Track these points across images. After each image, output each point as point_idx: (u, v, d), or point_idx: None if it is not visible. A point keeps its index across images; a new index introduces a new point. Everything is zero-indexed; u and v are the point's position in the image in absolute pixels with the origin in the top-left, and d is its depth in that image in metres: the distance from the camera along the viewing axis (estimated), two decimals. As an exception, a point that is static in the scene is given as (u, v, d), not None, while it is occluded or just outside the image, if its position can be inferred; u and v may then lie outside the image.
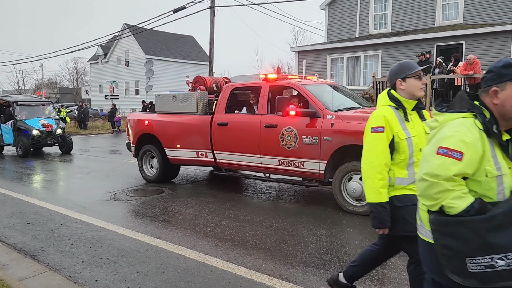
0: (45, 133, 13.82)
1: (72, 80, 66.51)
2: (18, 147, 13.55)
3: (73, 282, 3.90)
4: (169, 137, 8.06)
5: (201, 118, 7.64)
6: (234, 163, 7.27)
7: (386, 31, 17.65)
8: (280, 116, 6.48)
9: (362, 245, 4.74)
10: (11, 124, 13.98)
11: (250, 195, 7.47)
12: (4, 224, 5.81)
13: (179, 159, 8.09)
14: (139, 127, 8.69)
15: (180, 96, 8.11)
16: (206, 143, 7.47)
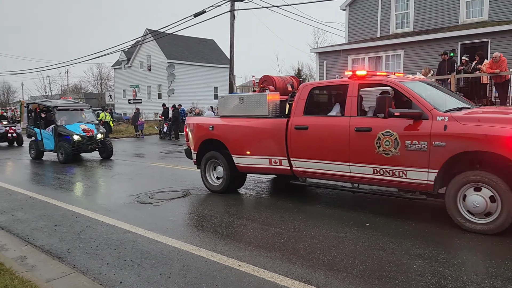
0: (86, 138, 13.50)
1: (97, 85, 67.99)
2: (59, 153, 13.27)
3: (98, 283, 3.98)
4: (237, 143, 7.32)
5: (275, 121, 6.88)
6: (315, 172, 6.46)
7: (408, 30, 17.37)
8: (375, 118, 5.78)
9: (385, 247, 4.68)
10: (51, 130, 13.75)
11: (271, 198, 7.47)
12: (32, 227, 5.99)
13: (248, 167, 7.30)
14: (202, 132, 7.93)
15: (248, 97, 7.38)
16: (281, 149, 6.73)
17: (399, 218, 5.83)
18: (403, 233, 5.21)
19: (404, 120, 5.47)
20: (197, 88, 40.35)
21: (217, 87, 42.98)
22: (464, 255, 4.46)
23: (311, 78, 62.57)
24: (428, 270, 4.05)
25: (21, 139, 20.51)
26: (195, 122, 8.25)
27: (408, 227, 5.42)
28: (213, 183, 7.94)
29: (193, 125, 8.22)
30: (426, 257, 4.40)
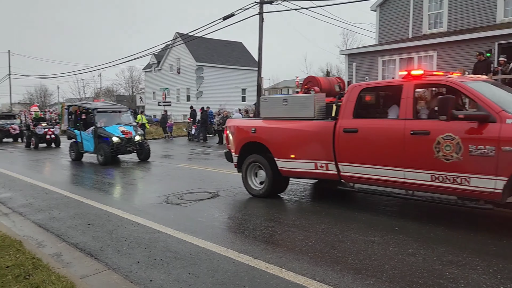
0: (125, 140, 13.48)
1: (128, 88, 69.63)
2: (99, 155, 13.32)
3: (130, 281, 4.09)
4: (281, 146, 7.06)
5: (321, 124, 6.60)
6: (365, 178, 6.13)
7: (442, 30, 16.94)
8: (433, 121, 5.44)
9: (416, 253, 4.58)
10: (91, 132, 13.81)
11: (299, 200, 7.44)
12: (67, 225, 6.20)
13: (292, 171, 7.04)
14: (244, 135, 7.71)
15: (293, 99, 7.13)
16: (328, 153, 6.43)
17: (431, 223, 5.69)
18: (435, 238, 5.08)
19: (466, 123, 5.11)
20: (225, 90, 40.73)
21: (245, 89, 43.25)
22: (500, 262, 4.30)
23: (340, 80, 61.86)
24: (461, 277, 3.94)
25: (59, 141, 21.10)
26: (236, 125, 8.05)
27: (440, 233, 5.28)
28: (254, 187, 7.71)
29: (234, 128, 8.02)
30: (460, 263, 4.27)
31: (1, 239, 5.18)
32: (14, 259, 4.48)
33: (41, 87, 74.95)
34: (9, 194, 8.72)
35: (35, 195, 8.50)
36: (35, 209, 7.30)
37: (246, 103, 38.77)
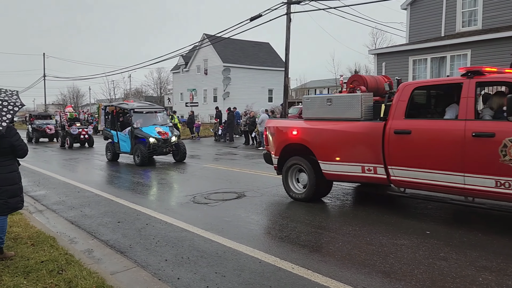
0: (161, 141, 13.27)
1: (156, 89, 70.96)
2: (136, 156, 13.14)
3: (158, 279, 4.15)
4: (325, 148, 6.76)
5: (369, 125, 6.27)
6: (419, 182, 5.74)
7: (476, 28, 16.40)
8: (499, 122, 5.13)
9: (448, 257, 4.45)
10: (128, 132, 13.64)
11: (326, 201, 7.37)
12: (98, 222, 6.36)
13: (337, 175, 6.73)
14: (285, 136, 7.45)
15: (337, 99, 6.78)
16: (376, 156, 6.10)
17: (464, 227, 5.52)
18: (468, 243, 4.93)
19: None
20: (252, 91, 40.83)
21: (271, 90, 43.22)
22: (537, 269, 4.13)
23: (368, 80, 60.93)
24: (496, 283, 3.80)
25: (92, 141, 21.51)
26: (277, 126, 7.76)
27: (473, 237, 5.12)
28: (296, 191, 7.43)
29: (274, 129, 7.74)
30: (494, 269, 4.13)
31: (36, 235, 5.36)
32: (48, 254, 4.63)
33: (73, 88, 77.44)
34: (44, 192, 9.03)
35: (67, 193, 8.77)
36: (68, 206, 7.53)
37: (273, 103, 38.74)
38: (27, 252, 4.71)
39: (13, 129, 4.57)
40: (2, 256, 4.53)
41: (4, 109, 4.28)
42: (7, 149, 4.46)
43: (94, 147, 21.05)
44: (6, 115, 4.26)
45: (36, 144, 24.54)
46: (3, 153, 4.45)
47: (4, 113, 4.26)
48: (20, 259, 4.51)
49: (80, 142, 21.26)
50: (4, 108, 4.29)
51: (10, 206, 4.53)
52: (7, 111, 4.29)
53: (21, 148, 4.57)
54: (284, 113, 21.37)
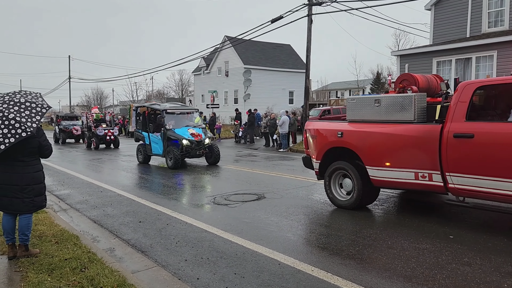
0: (195, 143, 12.74)
1: (178, 91, 71.79)
2: (168, 158, 12.65)
3: (178, 278, 4.19)
4: (374, 153, 6.31)
5: (423, 128, 5.80)
6: (482, 191, 5.23)
7: (503, 29, 15.97)
8: None
9: (472, 262, 4.34)
10: (160, 134, 13.25)
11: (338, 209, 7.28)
12: (120, 222, 6.48)
13: (387, 181, 6.27)
14: (328, 139, 7.01)
15: (387, 99, 6.31)
16: (432, 161, 5.64)
17: (489, 232, 5.38)
18: (493, 248, 4.79)
19: None
20: (272, 93, 40.83)
21: (292, 92, 43.12)
22: None
23: (390, 82, 60.08)
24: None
25: (118, 142, 21.73)
26: (319, 128, 7.29)
27: (499, 242, 4.98)
28: (339, 198, 6.98)
29: (315, 131, 7.30)
30: (520, 276, 4.00)
31: (60, 233, 5.50)
32: (71, 252, 4.74)
33: (97, 90, 79.10)
34: (68, 191, 9.25)
35: (91, 193, 8.96)
36: (91, 205, 7.69)
37: (294, 105, 38.65)
38: (51, 250, 4.83)
39: (41, 129, 4.72)
40: (27, 253, 4.65)
41: (33, 111, 4.44)
42: (35, 149, 4.61)
43: (120, 148, 21.34)
44: (35, 116, 4.42)
45: (62, 144, 25.03)
46: (31, 152, 4.59)
47: (33, 115, 4.41)
48: (45, 256, 4.63)
49: (106, 143, 21.46)
50: (33, 110, 4.44)
51: (36, 205, 4.66)
52: (36, 113, 4.44)
53: (47, 148, 4.72)
54: (305, 115, 21.28)
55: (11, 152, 4.39)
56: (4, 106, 4.34)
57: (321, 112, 28.65)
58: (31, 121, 4.33)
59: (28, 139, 4.42)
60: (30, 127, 4.29)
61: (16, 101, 4.43)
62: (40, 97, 4.75)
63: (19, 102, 4.43)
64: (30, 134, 4.29)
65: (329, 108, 30.29)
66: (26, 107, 4.42)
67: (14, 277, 4.12)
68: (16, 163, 4.50)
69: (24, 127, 4.25)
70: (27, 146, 4.52)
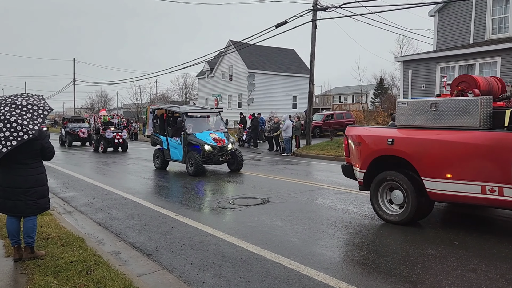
0: (217, 149, 11.81)
1: (182, 94, 71.96)
2: (188, 164, 11.77)
3: (183, 282, 4.20)
4: (432, 163, 5.72)
5: (493, 136, 5.26)
6: None
7: (507, 36, 15.98)
8: None
9: (477, 269, 4.34)
10: (180, 138, 12.38)
11: (348, 209, 7.29)
12: (125, 224, 6.49)
13: (447, 195, 5.66)
14: (376, 147, 6.41)
15: (446, 103, 5.75)
16: (504, 174, 5.10)
17: (493, 239, 5.37)
18: (498, 255, 4.79)
19: None
20: (276, 97, 40.89)
21: (296, 96, 43.16)
22: None
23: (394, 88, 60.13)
24: None
25: (126, 145, 21.33)
26: (364, 134, 6.72)
27: (504, 249, 4.97)
28: (389, 212, 6.33)
29: (359, 137, 6.72)
30: None
31: (65, 236, 5.52)
32: (77, 254, 4.76)
33: (101, 92, 79.36)
34: (72, 194, 9.28)
35: (95, 195, 8.99)
36: (96, 208, 7.72)
37: (297, 110, 38.67)
38: (57, 252, 4.85)
39: (43, 131, 4.74)
40: (33, 255, 4.68)
41: (35, 113, 4.45)
42: (38, 151, 4.63)
43: (128, 151, 21.06)
44: (37, 119, 4.43)
45: (69, 147, 24.80)
46: (34, 155, 4.61)
47: (35, 117, 4.42)
48: (51, 258, 4.65)
49: (114, 146, 21.10)
50: (35, 113, 4.46)
51: (39, 207, 4.68)
52: (38, 115, 4.46)
53: (49, 151, 4.74)
54: (309, 120, 21.30)
55: (13, 155, 4.42)
56: (6, 109, 4.37)
57: (324, 116, 28.69)
58: (33, 124, 4.35)
59: (31, 141, 4.44)
60: (32, 130, 4.30)
61: (18, 104, 4.45)
62: (42, 100, 4.77)
63: (21, 104, 4.45)
64: (32, 136, 4.30)
65: (332, 113, 30.34)
66: (28, 110, 4.43)
67: (20, 279, 4.14)
68: (19, 166, 4.52)
69: (26, 129, 4.26)
70: (30, 149, 4.53)
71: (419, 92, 17.17)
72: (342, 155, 15.96)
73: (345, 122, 28.87)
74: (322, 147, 18.24)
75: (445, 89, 6.64)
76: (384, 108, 47.20)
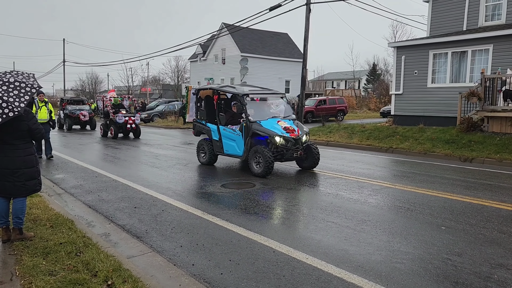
0: (291, 142, 9.15)
1: (174, 77, 71.30)
2: (254, 162, 9.07)
3: (173, 264, 4.22)
4: None
5: None
6: None
7: (500, 23, 15.99)
8: None
9: (462, 253, 4.41)
10: (241, 128, 9.55)
11: (339, 194, 7.34)
12: (115, 207, 6.48)
13: None
14: None
15: None
16: None
17: (480, 224, 5.45)
18: (483, 239, 4.87)
19: None
20: (269, 81, 40.67)
21: (288, 81, 43.02)
22: (555, 269, 4.06)
23: (387, 74, 60.18)
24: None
25: (139, 131, 18.82)
26: None
27: (489, 234, 5.06)
28: None
29: None
30: (510, 267, 4.08)
31: (55, 217, 5.49)
32: (66, 236, 4.75)
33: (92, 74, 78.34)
34: (62, 176, 9.23)
35: (85, 177, 8.94)
36: (86, 190, 7.68)
37: (290, 95, 38.56)
38: (46, 234, 4.83)
39: (30, 112, 4.65)
40: (22, 237, 4.65)
41: (22, 91, 4.33)
42: (25, 132, 4.54)
43: (141, 138, 18.53)
44: (24, 96, 4.31)
45: (68, 131, 22.55)
46: (21, 136, 4.52)
47: (22, 94, 4.31)
48: (40, 240, 4.63)
49: (125, 132, 18.64)
50: (22, 90, 4.34)
51: (28, 189, 4.63)
52: (25, 93, 4.34)
53: (38, 132, 4.64)
54: (301, 104, 21.27)
55: (0, 136, 4.35)
56: None
57: (317, 102, 28.67)
58: (19, 101, 4.23)
59: (17, 122, 4.36)
60: (18, 107, 4.20)
61: (5, 81, 4.34)
62: (32, 78, 4.65)
63: (8, 81, 4.33)
64: (18, 114, 4.20)
65: (324, 98, 30.32)
66: (15, 87, 4.32)
67: (9, 260, 4.13)
68: (6, 147, 4.45)
69: (11, 106, 4.16)
70: (16, 129, 4.46)
71: (411, 78, 17.20)
72: (334, 140, 16.06)
73: (337, 107, 28.91)
74: (314, 132, 18.26)
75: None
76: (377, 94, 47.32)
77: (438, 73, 16.57)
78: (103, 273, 3.74)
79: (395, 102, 18.02)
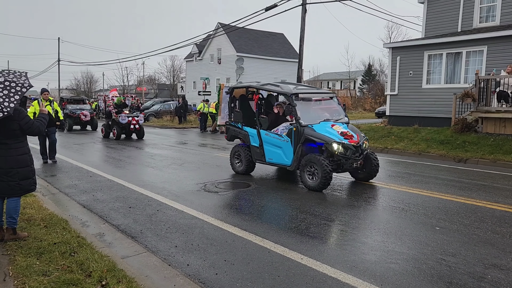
0: (351, 149, 7.75)
1: (169, 77, 71.20)
2: (307, 173, 7.73)
3: (168, 264, 4.21)
4: None
5: None
6: None
7: (494, 24, 16.09)
8: None
9: (457, 254, 4.43)
10: (289, 133, 8.23)
11: (334, 194, 7.36)
12: (110, 207, 6.45)
13: None
14: None
15: None
16: None
17: (474, 225, 5.48)
18: (478, 240, 4.90)
19: None
20: (264, 81, 40.74)
21: (284, 81, 43.03)
22: (547, 269, 4.09)
23: (382, 74, 60.35)
24: (506, 282, 3.79)
25: (143, 132, 18.25)
26: None
27: (483, 235, 5.09)
28: None
29: None
30: (504, 267, 4.11)
31: (49, 217, 5.46)
32: (60, 236, 4.72)
33: (87, 73, 77.99)
34: (56, 175, 9.17)
35: (80, 177, 8.89)
36: (80, 190, 7.65)
37: (285, 95, 38.64)
38: (40, 234, 4.80)
39: (23, 112, 4.59)
40: (15, 237, 4.62)
41: (12, 90, 4.29)
42: (17, 131, 4.49)
43: (144, 139, 18.01)
44: (14, 96, 4.28)
45: (68, 131, 21.86)
46: (13, 135, 4.47)
47: (12, 94, 4.27)
48: (33, 240, 4.60)
49: (128, 132, 18.10)
50: (12, 90, 4.30)
51: (23, 188, 4.59)
52: (15, 92, 4.30)
53: (31, 130, 4.56)
54: (296, 105, 21.27)
55: None
56: None
57: (312, 102, 28.63)
58: (8, 101, 4.20)
59: (8, 121, 4.33)
60: (7, 107, 4.17)
61: None
62: (23, 77, 4.60)
63: None
64: (7, 114, 4.17)
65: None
66: (5, 87, 4.28)
67: (2, 260, 4.09)
68: None
69: (0, 107, 4.14)
70: (7, 129, 4.41)
71: (406, 79, 17.26)
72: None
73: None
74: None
75: None
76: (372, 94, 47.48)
77: (433, 74, 16.64)
78: (97, 273, 3.72)
79: (390, 102, 18.09)
